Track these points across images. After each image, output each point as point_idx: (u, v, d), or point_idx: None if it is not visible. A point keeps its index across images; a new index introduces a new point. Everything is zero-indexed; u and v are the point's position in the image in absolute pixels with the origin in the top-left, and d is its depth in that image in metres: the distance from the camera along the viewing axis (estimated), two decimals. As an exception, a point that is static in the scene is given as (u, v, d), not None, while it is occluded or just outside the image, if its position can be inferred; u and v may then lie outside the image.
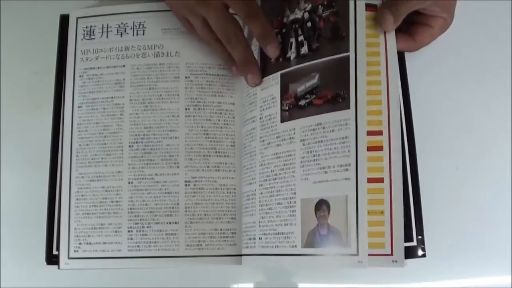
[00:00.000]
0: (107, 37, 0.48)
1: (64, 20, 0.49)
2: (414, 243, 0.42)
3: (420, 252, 0.42)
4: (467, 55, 0.47)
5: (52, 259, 0.44)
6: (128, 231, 0.44)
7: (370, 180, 0.39)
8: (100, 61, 0.48)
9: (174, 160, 0.45)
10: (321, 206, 0.40)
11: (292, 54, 0.43)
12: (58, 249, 0.44)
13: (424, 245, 0.42)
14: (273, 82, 0.44)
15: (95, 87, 0.47)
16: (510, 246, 0.44)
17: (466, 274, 0.44)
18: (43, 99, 0.47)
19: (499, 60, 0.47)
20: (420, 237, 0.42)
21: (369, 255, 0.38)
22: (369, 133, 0.40)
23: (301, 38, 0.43)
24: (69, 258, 0.44)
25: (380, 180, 0.40)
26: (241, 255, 0.44)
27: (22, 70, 0.49)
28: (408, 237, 0.41)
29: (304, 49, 0.43)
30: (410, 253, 0.41)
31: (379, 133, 0.40)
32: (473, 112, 0.47)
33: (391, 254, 0.39)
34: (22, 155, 0.47)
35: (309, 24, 0.43)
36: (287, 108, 0.42)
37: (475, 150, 0.46)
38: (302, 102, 0.42)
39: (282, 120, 0.42)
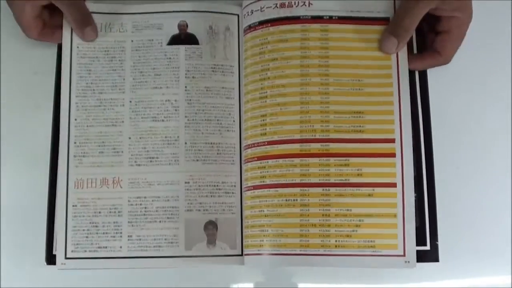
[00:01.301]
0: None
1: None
2: (428, 247, 0.43)
3: (433, 257, 0.43)
4: (468, 56, 0.47)
5: (52, 259, 0.44)
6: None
7: (383, 185, 0.42)
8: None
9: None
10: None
11: None
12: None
13: (438, 250, 0.43)
14: None
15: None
16: (510, 246, 0.44)
17: (466, 274, 0.45)
18: (43, 99, 0.47)
19: (500, 62, 0.48)
20: (434, 242, 0.43)
21: (382, 255, 0.41)
22: (382, 140, 0.43)
23: None
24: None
25: (393, 185, 0.42)
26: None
27: (22, 70, 0.49)
28: (421, 242, 0.43)
29: None
30: (422, 257, 0.42)
31: (392, 140, 0.43)
32: (473, 113, 0.47)
33: (404, 255, 0.41)
34: (22, 155, 0.47)
35: None
36: None
37: (475, 150, 0.46)
38: None
39: None
